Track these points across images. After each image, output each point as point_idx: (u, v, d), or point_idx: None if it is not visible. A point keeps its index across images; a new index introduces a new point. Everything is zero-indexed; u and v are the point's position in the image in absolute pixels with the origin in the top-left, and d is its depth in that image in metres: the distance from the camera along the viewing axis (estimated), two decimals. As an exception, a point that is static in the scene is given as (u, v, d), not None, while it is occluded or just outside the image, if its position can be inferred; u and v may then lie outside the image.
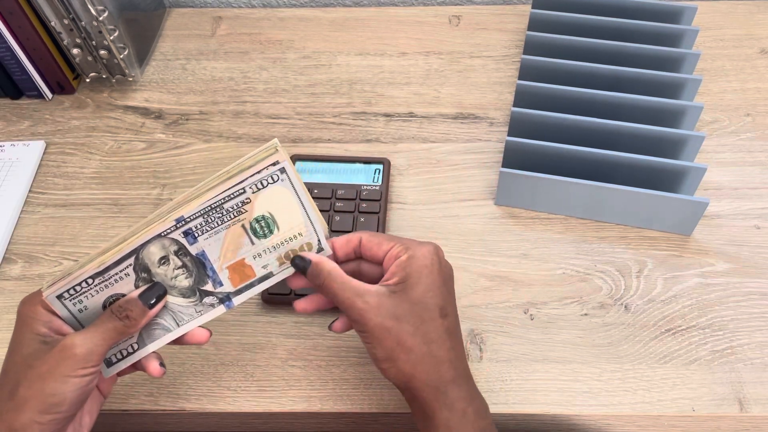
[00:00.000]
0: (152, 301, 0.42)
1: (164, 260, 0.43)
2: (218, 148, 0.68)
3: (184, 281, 0.44)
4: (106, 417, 0.52)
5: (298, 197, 0.44)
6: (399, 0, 0.87)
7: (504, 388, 0.51)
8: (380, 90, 0.73)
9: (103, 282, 0.42)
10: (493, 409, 0.50)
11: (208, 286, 0.45)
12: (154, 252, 0.42)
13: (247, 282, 0.45)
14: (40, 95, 0.74)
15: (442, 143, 0.68)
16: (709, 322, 0.54)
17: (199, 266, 0.44)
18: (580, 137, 0.60)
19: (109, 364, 0.44)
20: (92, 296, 0.42)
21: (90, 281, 0.42)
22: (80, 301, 0.42)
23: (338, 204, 0.61)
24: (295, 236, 0.45)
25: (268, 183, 0.43)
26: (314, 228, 0.45)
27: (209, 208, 0.42)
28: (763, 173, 0.64)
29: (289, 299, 0.55)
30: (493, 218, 0.62)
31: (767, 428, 0.51)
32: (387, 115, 0.71)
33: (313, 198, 0.61)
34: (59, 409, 0.39)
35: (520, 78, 0.66)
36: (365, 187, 0.62)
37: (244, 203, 0.43)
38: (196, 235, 0.43)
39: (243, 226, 0.44)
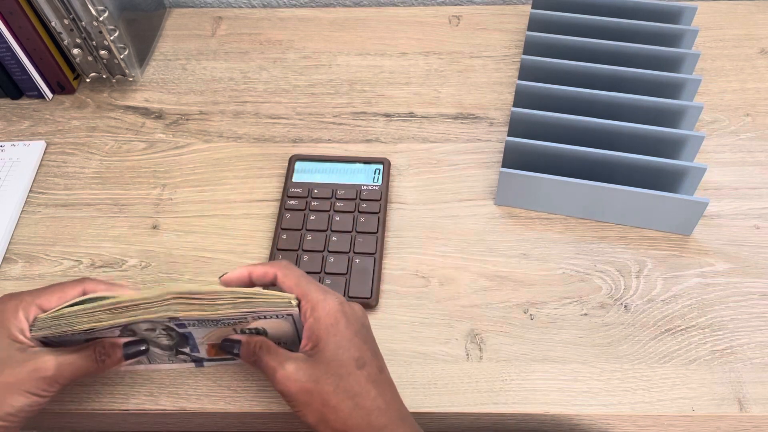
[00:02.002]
0: (131, 354, 0.44)
1: (151, 329, 0.44)
2: (218, 148, 0.69)
3: (164, 341, 0.45)
4: (106, 417, 0.53)
5: (297, 329, 0.45)
6: (399, 0, 0.87)
7: (504, 388, 0.51)
8: (380, 90, 0.74)
9: (89, 335, 0.43)
10: (493, 408, 0.50)
11: (186, 350, 0.46)
12: (142, 326, 0.43)
13: (222, 356, 0.47)
14: (40, 95, 0.74)
15: (442, 143, 0.68)
16: (708, 322, 0.54)
17: (183, 338, 0.45)
18: (580, 137, 0.60)
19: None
20: (75, 336, 0.43)
21: (76, 334, 0.42)
22: (62, 337, 0.43)
23: (338, 204, 0.61)
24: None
25: (273, 317, 0.44)
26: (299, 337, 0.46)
27: (206, 319, 0.43)
28: (763, 173, 0.64)
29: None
30: (493, 218, 0.62)
31: (767, 428, 0.51)
32: (387, 115, 0.71)
33: (313, 198, 0.61)
34: (12, 420, 0.40)
35: (520, 78, 0.66)
36: (365, 187, 0.62)
37: (242, 321, 0.44)
38: (187, 325, 0.43)
39: (234, 329, 0.45)
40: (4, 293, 0.58)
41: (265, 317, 0.43)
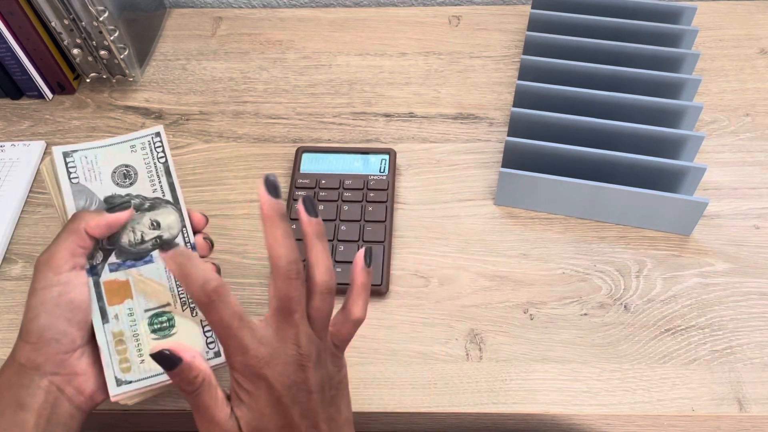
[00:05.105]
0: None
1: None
2: (218, 149, 0.69)
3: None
4: (106, 417, 0.53)
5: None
6: (399, 0, 0.87)
7: (504, 388, 0.51)
8: (380, 90, 0.74)
9: None
10: (493, 408, 0.50)
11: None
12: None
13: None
14: (40, 95, 0.74)
15: (442, 143, 0.68)
16: (708, 321, 0.54)
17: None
18: (580, 137, 0.60)
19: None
20: None
21: None
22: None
23: (346, 194, 0.61)
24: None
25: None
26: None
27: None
28: (763, 173, 0.64)
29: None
30: (493, 218, 0.62)
31: (767, 428, 0.51)
32: (387, 115, 0.71)
33: (321, 188, 0.62)
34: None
35: (519, 78, 0.66)
36: (372, 177, 0.62)
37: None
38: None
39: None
40: (5, 293, 0.58)
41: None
